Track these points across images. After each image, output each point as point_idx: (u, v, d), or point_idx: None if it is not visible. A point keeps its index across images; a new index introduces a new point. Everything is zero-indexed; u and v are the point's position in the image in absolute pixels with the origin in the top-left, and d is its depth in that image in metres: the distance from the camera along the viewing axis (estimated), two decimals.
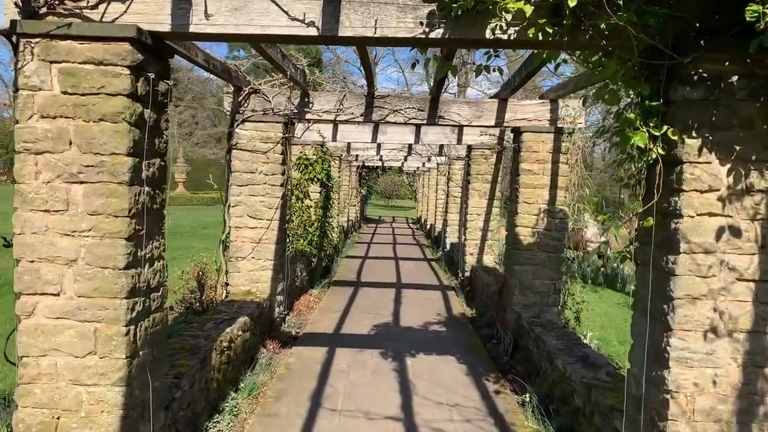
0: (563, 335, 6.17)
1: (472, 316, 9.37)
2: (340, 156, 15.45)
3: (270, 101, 7.37)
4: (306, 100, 7.41)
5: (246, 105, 7.38)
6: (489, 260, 11.51)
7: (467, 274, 11.55)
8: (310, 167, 11.19)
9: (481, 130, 11.50)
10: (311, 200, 11.26)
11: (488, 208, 11.54)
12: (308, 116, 7.51)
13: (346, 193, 19.68)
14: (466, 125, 7.58)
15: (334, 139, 11.51)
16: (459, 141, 11.51)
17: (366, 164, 21.82)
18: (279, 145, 7.41)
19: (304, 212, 11.16)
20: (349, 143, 14.72)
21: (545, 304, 7.46)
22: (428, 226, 23.69)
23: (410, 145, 14.57)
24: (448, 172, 16.02)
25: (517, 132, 7.51)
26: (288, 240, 10.97)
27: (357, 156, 18.75)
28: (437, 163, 18.96)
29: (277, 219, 7.45)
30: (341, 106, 7.46)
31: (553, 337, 6.05)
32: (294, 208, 11.09)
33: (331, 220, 11.81)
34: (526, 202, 7.42)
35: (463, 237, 11.99)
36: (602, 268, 13.26)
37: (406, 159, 19.11)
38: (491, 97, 7.66)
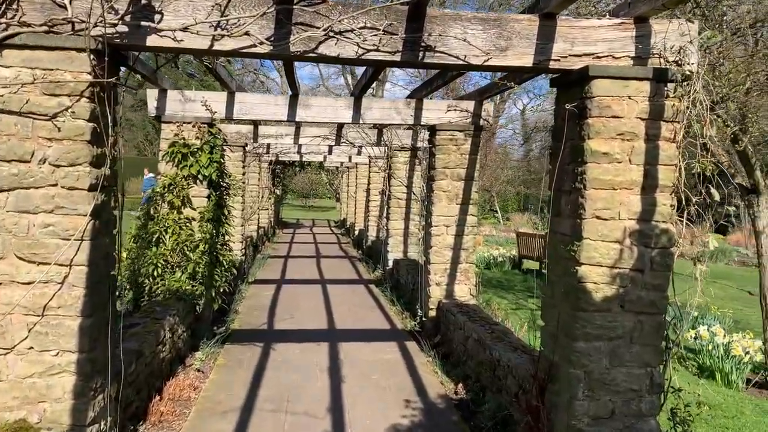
0: None
1: (459, 400, 5.66)
2: (244, 145, 11.40)
3: (66, 4, 3.35)
4: (145, 1, 3.45)
5: (8, 14, 3.34)
6: (463, 292, 7.85)
7: (432, 313, 7.84)
8: (191, 158, 7.12)
9: (449, 104, 7.87)
10: (194, 209, 7.20)
11: (461, 217, 7.87)
12: (152, 40, 3.55)
13: (255, 194, 15.55)
14: (477, 65, 3.81)
15: (229, 114, 7.53)
16: (417, 119, 7.82)
17: (280, 159, 17.75)
18: (85, 100, 3.38)
19: (182, 228, 7.08)
20: (256, 124, 10.68)
21: (635, 415, 3.85)
22: (356, 232, 19.87)
23: (340, 129, 10.73)
24: (389, 167, 12.27)
25: (578, 79, 3.84)
26: (150, 275, 6.86)
27: (268, 146, 14.69)
28: (370, 157, 15.18)
29: (84, 261, 3.41)
30: (224, 17, 3.53)
31: None
32: (164, 223, 6.98)
33: (227, 237, 7.84)
34: (598, 218, 3.77)
35: (424, 258, 8.26)
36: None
37: (330, 150, 15.23)
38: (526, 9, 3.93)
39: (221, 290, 7.59)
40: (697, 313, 5.20)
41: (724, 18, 5.44)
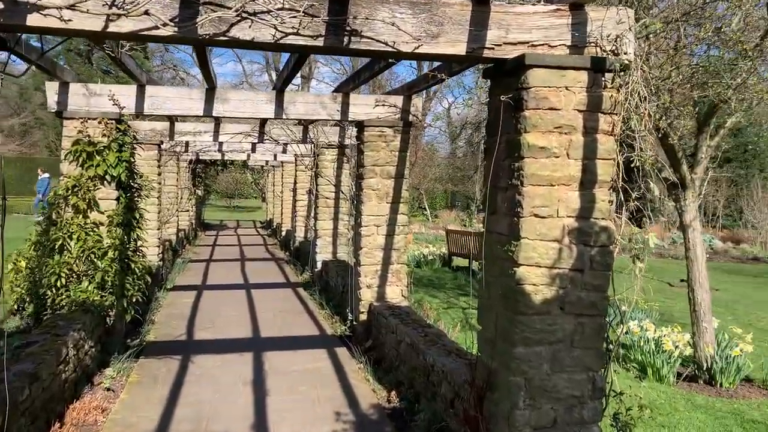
0: None
1: (393, 408, 5.38)
2: (159, 143, 10.73)
3: None
4: None
5: None
6: (395, 293, 7.58)
7: (364, 316, 7.53)
8: (97, 157, 6.51)
9: (377, 99, 7.58)
10: (102, 213, 6.59)
11: (392, 216, 7.60)
12: (34, 20, 3.07)
13: (174, 196, 14.78)
14: (407, 52, 3.51)
15: (139, 109, 6.96)
16: (344, 115, 7.49)
17: (201, 157, 16.99)
18: None
19: (88, 234, 6.46)
20: (172, 120, 10.05)
21: (578, 422, 3.66)
22: (283, 233, 19.33)
23: (262, 126, 10.25)
24: (316, 165, 11.88)
25: (513, 69, 3.61)
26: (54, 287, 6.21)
27: (187, 144, 13.98)
28: (296, 155, 14.71)
29: None
30: None
31: None
32: (68, 229, 6.35)
33: (140, 242, 7.24)
34: (536, 216, 3.56)
35: (354, 259, 7.95)
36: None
37: (254, 148, 14.66)
38: None
39: (134, 300, 7.00)
40: (625, 307, 5.13)
41: (651, 11, 5.39)
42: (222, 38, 3.28)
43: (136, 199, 7.16)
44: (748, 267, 18.25)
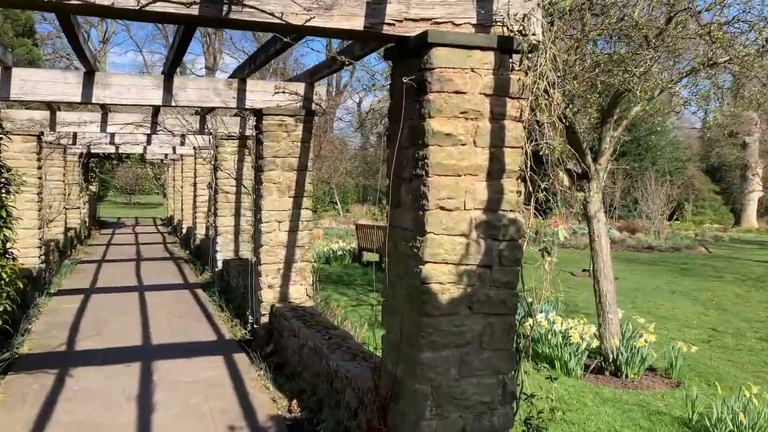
0: None
1: (293, 419, 4.98)
2: (38, 134, 9.72)
3: None
4: None
5: None
6: (299, 293, 7.16)
7: (265, 319, 7.06)
8: None
9: (277, 86, 7.12)
10: None
11: (295, 211, 7.16)
12: None
13: (61, 192, 13.61)
14: (297, 25, 3.12)
15: (5, 94, 6.19)
16: (240, 102, 6.99)
17: (93, 150, 15.80)
18: None
19: None
20: (52, 108, 9.12)
21: (488, 431, 3.41)
22: (184, 230, 18.37)
23: (155, 115, 9.51)
24: (215, 158, 11.22)
25: (415, 48, 3.29)
26: None
27: (75, 135, 12.90)
28: (195, 147, 13.91)
29: None
30: None
31: None
32: None
33: (9, 244, 6.41)
34: (442, 208, 3.26)
35: (255, 258, 7.45)
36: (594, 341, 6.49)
37: (149, 140, 13.74)
38: None
39: (0, 308, 6.18)
40: (532, 299, 4.99)
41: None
42: (74, 2, 2.75)
43: (2, 195, 6.33)
44: (643, 255, 19.10)
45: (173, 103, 6.66)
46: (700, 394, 5.22)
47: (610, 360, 6.29)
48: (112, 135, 13.41)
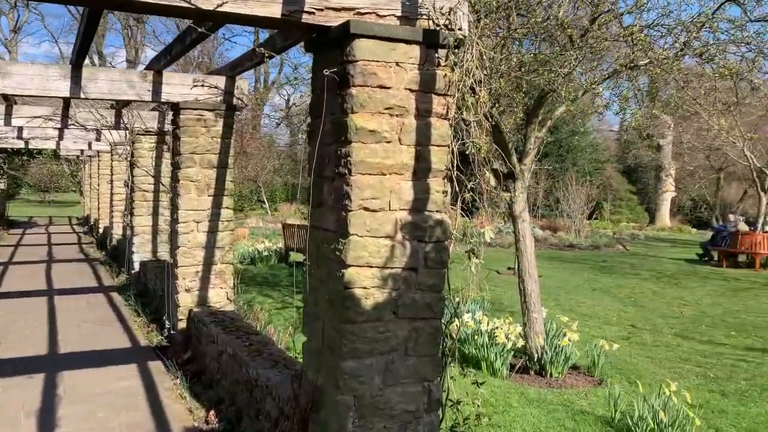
0: None
1: (211, 430, 4.70)
2: None
3: None
4: None
5: None
6: (219, 297, 6.85)
7: (183, 324, 6.71)
8: None
9: (195, 78, 6.78)
10: None
11: (214, 210, 6.84)
12: None
13: None
14: (208, 10, 2.88)
15: None
16: (156, 95, 6.63)
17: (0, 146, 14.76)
18: None
19: None
20: None
21: None
22: (100, 230, 17.46)
23: (66, 108, 8.91)
24: (131, 154, 10.66)
25: (337, 39, 3.12)
26: None
27: None
28: (111, 143, 13.19)
29: None
30: None
31: None
32: None
33: None
34: (366, 209, 3.10)
35: (171, 260, 7.07)
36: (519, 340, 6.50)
37: (61, 135, 12.95)
38: None
39: None
40: (458, 300, 4.94)
41: None
42: None
43: None
44: (565, 253, 19.64)
45: (82, 95, 6.22)
46: (621, 392, 5.29)
47: (535, 359, 6.32)
48: (20, 129, 12.53)
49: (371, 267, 3.13)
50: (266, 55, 4.79)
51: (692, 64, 6.77)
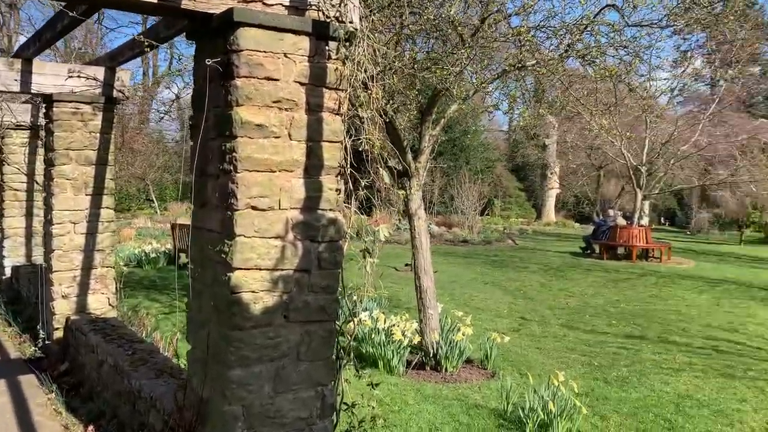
0: None
1: None
2: None
3: None
4: None
5: None
6: (100, 303, 6.38)
7: (59, 333, 6.19)
8: None
9: (71, 69, 6.28)
10: None
11: (93, 211, 6.35)
12: None
13: None
14: None
15: None
16: (26, 86, 6.08)
17: None
18: None
19: None
20: None
21: None
22: None
23: None
24: (0, 149, 9.77)
25: (221, 27, 2.93)
26: None
27: None
28: None
29: None
30: None
31: None
32: None
33: None
34: (254, 208, 2.94)
35: (46, 264, 6.51)
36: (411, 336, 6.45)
37: None
38: None
39: None
40: (356, 299, 4.90)
41: None
42: None
43: None
44: (459, 249, 20.16)
45: None
46: (513, 384, 5.42)
47: (431, 355, 6.37)
48: None
49: (260, 269, 2.97)
50: (146, 44, 4.48)
51: (576, 66, 7.09)
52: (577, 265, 16.50)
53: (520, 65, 5.59)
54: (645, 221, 22.34)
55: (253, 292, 2.96)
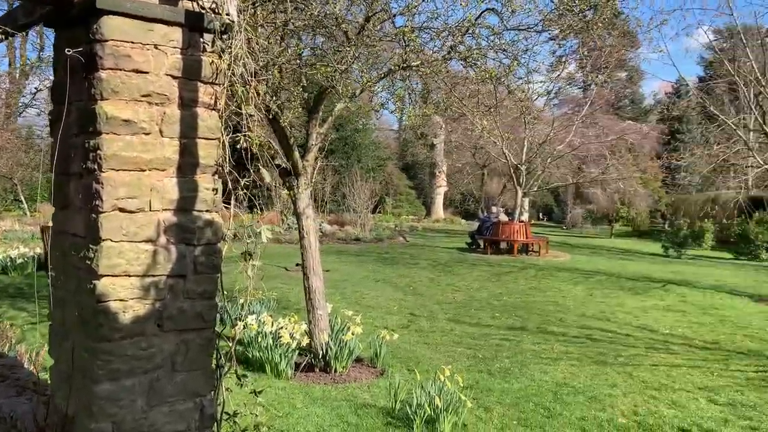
0: None
1: None
2: None
3: None
4: None
5: None
6: None
7: None
8: None
9: None
10: None
11: None
12: None
13: None
14: None
15: None
16: None
17: None
18: None
19: None
20: None
21: None
22: None
23: None
24: None
25: (83, 15, 2.70)
26: None
27: None
28: None
29: None
30: None
31: None
32: None
33: None
34: (122, 210, 2.74)
35: None
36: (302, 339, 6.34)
37: None
38: None
39: None
40: (243, 300, 4.74)
41: None
42: None
43: None
44: (352, 247, 20.22)
45: None
46: (402, 381, 5.46)
47: (320, 356, 6.30)
48: None
49: (130, 276, 2.77)
50: (0, 31, 4.06)
51: (459, 68, 7.27)
52: (464, 260, 17.04)
53: (405, 65, 5.64)
54: (525, 217, 23.49)
55: (122, 300, 2.75)
